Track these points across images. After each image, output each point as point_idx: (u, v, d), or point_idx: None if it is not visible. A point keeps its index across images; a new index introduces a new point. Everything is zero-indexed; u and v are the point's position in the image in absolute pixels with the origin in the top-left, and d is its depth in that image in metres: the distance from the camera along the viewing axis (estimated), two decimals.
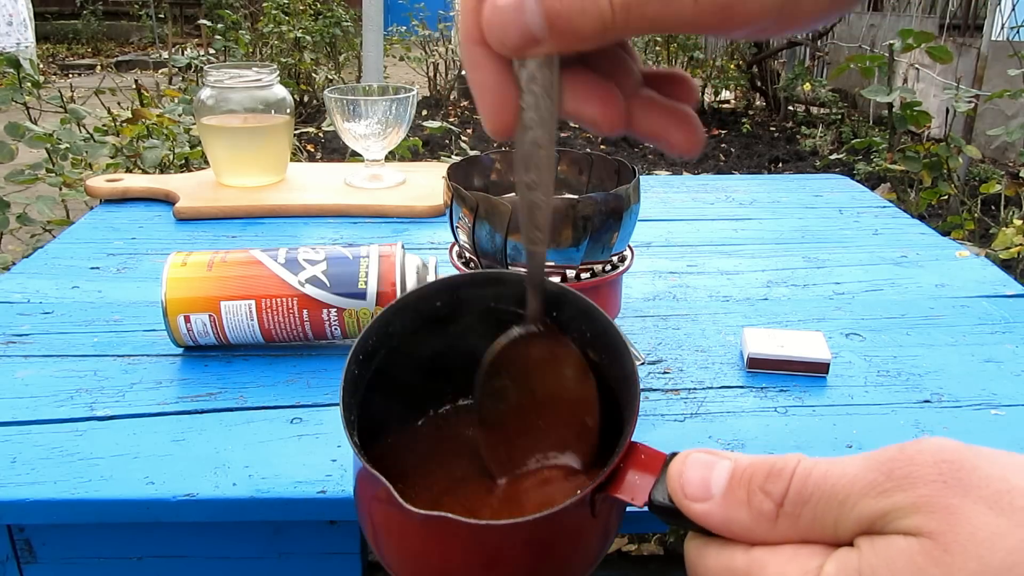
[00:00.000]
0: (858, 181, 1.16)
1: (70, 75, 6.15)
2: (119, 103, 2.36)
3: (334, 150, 3.76)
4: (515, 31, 0.25)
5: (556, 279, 0.62)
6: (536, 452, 0.38)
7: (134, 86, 2.20)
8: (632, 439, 0.32)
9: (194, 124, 1.79)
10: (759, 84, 5.14)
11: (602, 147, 3.88)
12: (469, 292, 0.39)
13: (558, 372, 0.37)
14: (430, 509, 0.30)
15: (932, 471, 0.25)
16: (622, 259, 0.67)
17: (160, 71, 5.22)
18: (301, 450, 0.53)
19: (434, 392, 0.44)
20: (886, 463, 0.26)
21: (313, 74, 4.71)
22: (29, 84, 1.70)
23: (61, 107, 1.76)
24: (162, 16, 6.40)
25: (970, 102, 2.02)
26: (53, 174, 1.66)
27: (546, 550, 0.32)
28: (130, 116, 1.87)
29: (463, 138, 3.76)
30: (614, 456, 0.32)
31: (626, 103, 0.30)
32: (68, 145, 1.67)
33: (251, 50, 4.20)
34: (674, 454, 0.31)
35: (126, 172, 1.66)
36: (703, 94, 5.18)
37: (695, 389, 0.61)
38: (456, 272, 0.58)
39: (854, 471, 0.26)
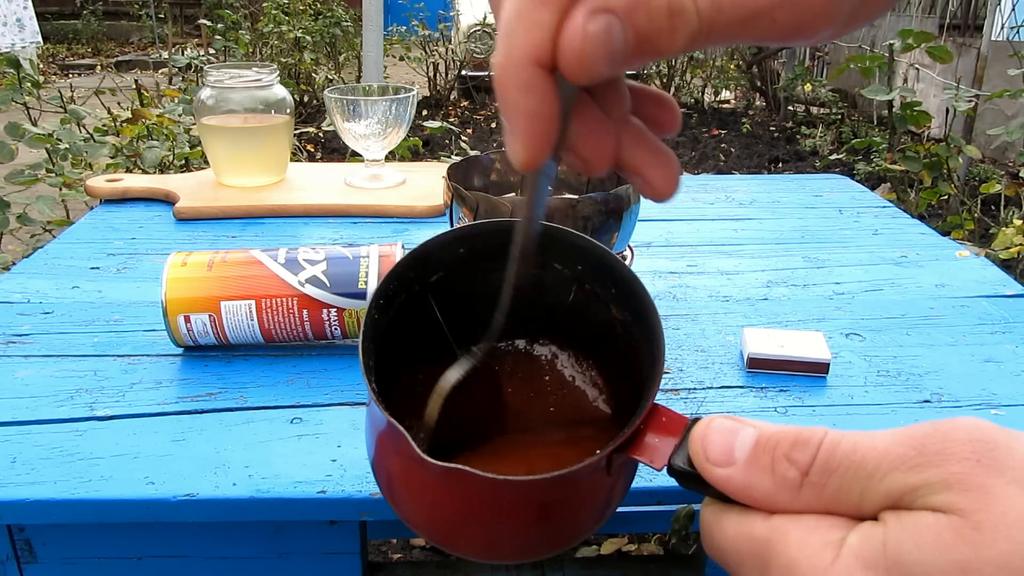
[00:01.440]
0: (858, 181, 1.16)
1: (70, 75, 6.15)
2: (119, 103, 2.36)
3: (334, 150, 3.76)
4: (603, 59, 0.23)
5: None
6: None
7: (134, 86, 2.20)
8: (655, 401, 0.32)
9: (194, 124, 1.79)
10: (759, 84, 5.14)
11: None
12: (491, 239, 0.38)
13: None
14: (446, 456, 0.30)
15: (966, 449, 0.25)
16: (622, 259, 0.67)
17: (160, 71, 5.22)
18: (301, 450, 0.53)
19: (453, 336, 0.42)
20: (919, 439, 0.26)
21: (313, 74, 4.71)
22: (29, 84, 1.70)
23: (61, 107, 1.76)
24: (162, 16, 6.40)
25: (970, 102, 2.02)
26: (53, 174, 1.66)
27: (559, 506, 0.32)
28: (130, 116, 1.87)
29: (463, 138, 3.76)
30: (635, 417, 0.31)
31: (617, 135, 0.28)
32: (68, 145, 1.67)
33: (251, 50, 4.20)
34: (696, 419, 0.30)
35: (126, 172, 1.66)
36: (703, 94, 5.18)
37: (695, 389, 0.61)
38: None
39: (884, 444, 0.26)
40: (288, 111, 1.04)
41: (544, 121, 0.25)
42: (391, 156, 1.10)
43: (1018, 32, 2.68)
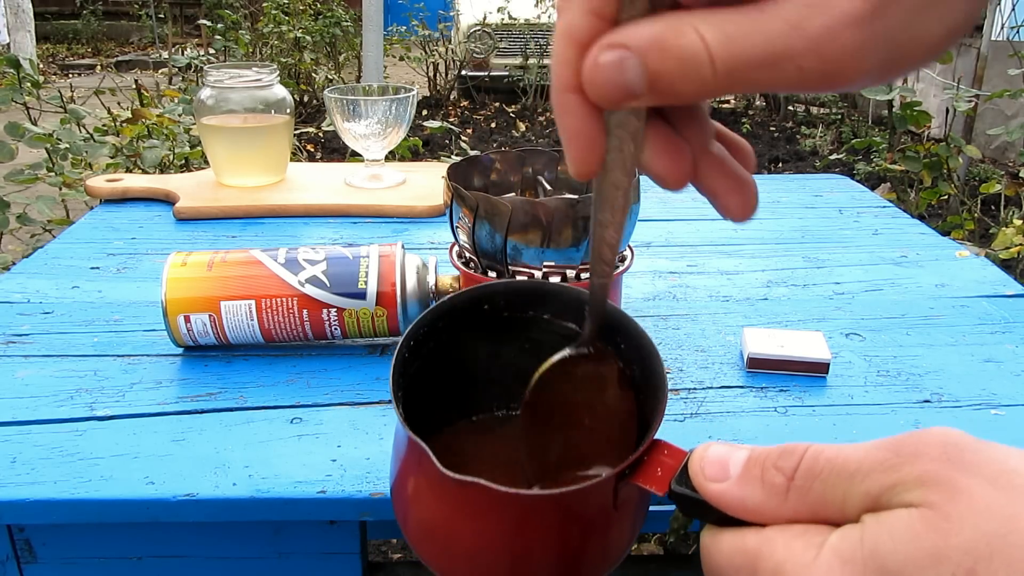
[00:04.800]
0: (858, 181, 1.16)
1: (70, 75, 6.15)
2: (119, 103, 2.36)
3: (334, 150, 3.76)
4: (615, 88, 0.26)
5: (556, 279, 0.62)
6: (574, 462, 0.40)
7: (134, 86, 2.21)
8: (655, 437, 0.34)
9: (194, 124, 1.79)
10: None
11: None
12: (517, 300, 0.41)
13: (602, 391, 0.39)
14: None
15: (937, 450, 0.27)
16: (622, 259, 0.67)
17: (160, 71, 5.22)
18: (301, 450, 0.53)
19: (474, 397, 0.45)
20: (896, 443, 0.28)
21: (313, 74, 4.71)
22: (29, 84, 1.70)
23: (61, 107, 1.76)
24: (162, 16, 6.40)
25: (970, 102, 2.03)
26: (53, 174, 1.66)
27: (570, 528, 0.34)
28: (130, 116, 1.87)
29: (463, 138, 3.76)
30: (638, 449, 0.34)
31: (695, 158, 0.31)
32: (68, 145, 1.67)
33: (251, 50, 4.20)
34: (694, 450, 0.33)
35: (126, 172, 1.66)
36: None
37: (695, 389, 0.61)
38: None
39: (864, 450, 0.28)
40: (288, 111, 1.04)
41: (584, 138, 0.28)
42: (391, 156, 1.10)
43: (1018, 32, 2.68)
